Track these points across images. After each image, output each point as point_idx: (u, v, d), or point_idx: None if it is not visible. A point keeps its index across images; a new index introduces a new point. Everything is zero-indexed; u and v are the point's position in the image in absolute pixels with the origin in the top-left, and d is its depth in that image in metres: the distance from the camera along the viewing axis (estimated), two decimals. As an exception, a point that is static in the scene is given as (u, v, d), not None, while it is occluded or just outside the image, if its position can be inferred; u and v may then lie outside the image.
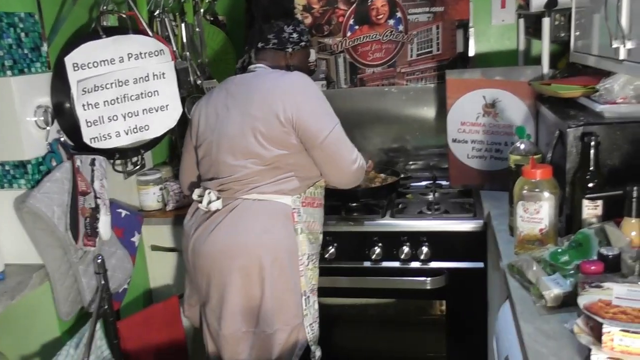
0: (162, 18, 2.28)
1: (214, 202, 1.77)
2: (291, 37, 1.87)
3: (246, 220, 1.74)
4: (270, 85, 1.75)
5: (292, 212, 1.77)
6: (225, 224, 1.75)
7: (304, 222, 1.80)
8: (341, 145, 1.77)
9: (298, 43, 1.89)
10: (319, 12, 2.62)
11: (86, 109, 1.85)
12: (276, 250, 1.73)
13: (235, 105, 1.76)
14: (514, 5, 2.49)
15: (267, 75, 1.80)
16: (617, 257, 1.23)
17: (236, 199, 1.77)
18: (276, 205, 1.76)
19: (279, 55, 1.89)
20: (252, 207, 1.75)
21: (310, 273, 1.82)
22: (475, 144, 2.25)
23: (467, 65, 2.52)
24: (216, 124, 1.79)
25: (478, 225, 2.03)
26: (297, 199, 1.79)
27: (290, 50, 1.89)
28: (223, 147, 1.77)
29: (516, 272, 1.41)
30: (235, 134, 1.74)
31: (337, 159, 1.77)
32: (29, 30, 1.73)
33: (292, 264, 1.76)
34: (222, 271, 1.74)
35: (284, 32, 1.86)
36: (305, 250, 1.79)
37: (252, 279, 1.73)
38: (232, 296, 1.74)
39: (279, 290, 1.74)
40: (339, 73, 2.66)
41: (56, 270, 1.78)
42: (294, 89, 1.73)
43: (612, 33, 1.38)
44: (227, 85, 1.85)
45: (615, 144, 1.51)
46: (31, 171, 1.74)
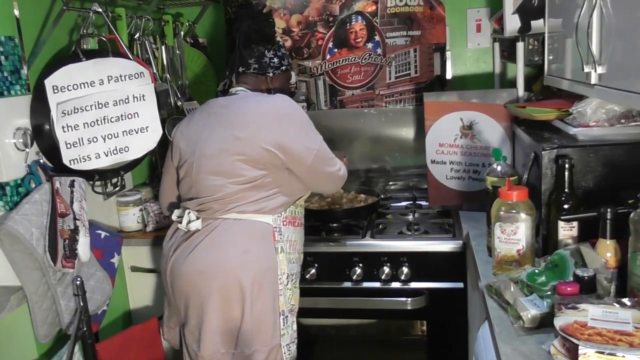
0: (142, 41, 2.29)
1: (193, 222, 1.77)
2: (272, 61, 1.89)
3: (226, 241, 1.73)
4: (252, 108, 1.75)
5: (273, 230, 1.77)
6: (204, 245, 1.75)
7: (285, 241, 1.80)
8: (327, 161, 1.81)
9: (279, 67, 1.91)
10: (298, 36, 2.65)
11: (66, 131, 1.84)
12: (256, 270, 1.73)
13: (216, 126, 1.77)
14: (489, 29, 2.56)
15: (249, 98, 1.80)
16: (593, 279, 1.25)
17: (216, 219, 1.76)
18: (256, 225, 1.76)
19: (260, 79, 1.90)
20: (232, 227, 1.75)
21: (289, 293, 1.82)
22: (453, 165, 2.29)
23: (444, 87, 2.58)
24: (197, 144, 1.79)
25: (457, 246, 2.06)
26: (278, 218, 1.79)
27: (271, 74, 1.90)
28: (203, 168, 1.77)
29: (494, 293, 1.43)
30: (215, 154, 1.75)
31: (325, 175, 1.82)
32: (9, 54, 1.72)
33: (271, 283, 1.76)
34: (200, 292, 1.73)
35: (264, 57, 1.88)
36: (285, 269, 1.79)
37: (231, 300, 1.72)
38: (211, 317, 1.73)
39: (258, 311, 1.74)
40: (319, 95, 2.69)
41: (34, 292, 1.75)
42: (278, 113, 1.74)
43: (584, 58, 1.43)
44: (208, 107, 1.86)
45: (589, 166, 1.56)
46: (9, 193, 1.72)
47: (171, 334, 1.97)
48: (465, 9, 2.56)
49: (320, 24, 2.62)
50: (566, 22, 1.65)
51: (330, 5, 2.60)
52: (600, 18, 1.34)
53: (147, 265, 2.31)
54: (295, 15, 2.63)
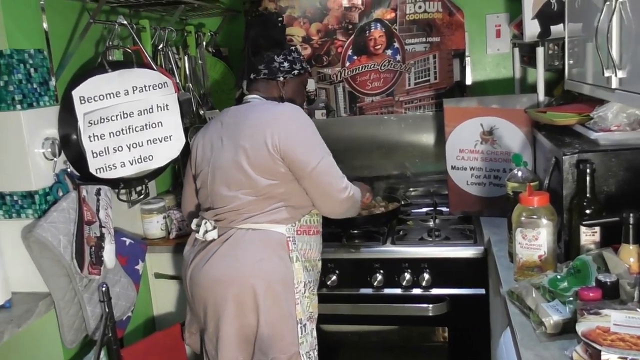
0: (165, 51, 2.34)
1: (210, 231, 1.80)
2: (282, 66, 1.89)
3: (240, 250, 1.76)
4: (260, 116, 1.77)
5: (287, 240, 1.78)
6: (220, 254, 1.77)
7: (299, 250, 1.81)
8: (330, 175, 1.77)
9: (290, 72, 1.90)
10: (318, 43, 2.68)
11: (92, 140, 1.89)
12: (270, 278, 1.74)
13: (227, 137, 1.80)
14: (508, 35, 2.55)
15: (258, 107, 1.82)
16: (615, 284, 1.24)
17: (231, 229, 1.79)
18: (270, 235, 1.77)
19: (271, 85, 1.90)
20: (246, 236, 1.77)
21: (307, 301, 1.82)
22: (474, 171, 2.28)
23: (464, 93, 2.58)
24: (211, 155, 1.83)
25: (478, 252, 2.05)
26: (292, 228, 1.80)
27: (281, 79, 1.89)
28: (217, 178, 1.80)
29: (516, 299, 1.43)
30: (227, 165, 1.77)
31: (327, 188, 1.77)
32: (38, 66, 1.78)
33: (287, 292, 1.76)
34: (217, 300, 1.76)
35: (274, 61, 1.89)
36: (301, 278, 1.80)
37: (246, 307, 1.74)
38: (227, 325, 1.75)
39: (274, 319, 1.74)
40: (338, 102, 2.71)
41: (61, 298, 1.80)
42: (283, 119, 1.76)
43: (604, 62, 1.42)
44: (222, 116, 1.89)
45: (610, 170, 1.55)
46: (38, 201, 1.77)
47: (193, 339, 2.00)
48: (484, 15, 2.56)
49: (340, 32, 2.65)
50: (586, 26, 1.65)
51: (349, 13, 2.63)
52: (620, 22, 1.34)
53: (170, 272, 2.35)
54: (315, 23, 2.66)
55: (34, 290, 1.80)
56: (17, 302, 1.74)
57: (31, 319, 1.71)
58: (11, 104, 1.70)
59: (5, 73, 1.69)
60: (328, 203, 1.80)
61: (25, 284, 1.80)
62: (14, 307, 1.71)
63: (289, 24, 2.67)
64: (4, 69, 1.68)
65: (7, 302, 1.71)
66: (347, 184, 1.81)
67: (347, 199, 1.80)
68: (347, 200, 1.81)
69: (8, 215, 1.79)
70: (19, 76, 1.70)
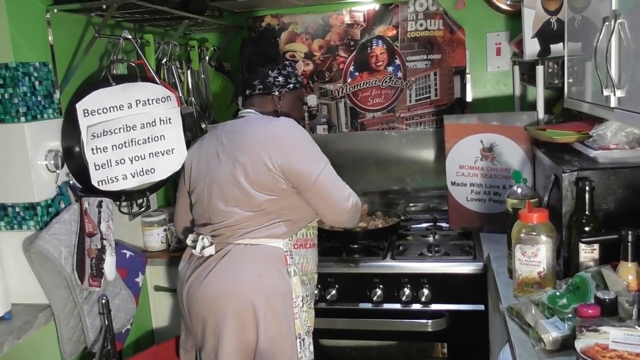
0: (169, 65, 2.36)
1: (207, 247, 1.79)
2: (276, 80, 1.90)
3: (239, 266, 1.75)
4: (256, 132, 1.77)
5: (285, 255, 1.78)
6: (218, 270, 1.76)
7: (297, 264, 1.81)
8: (333, 184, 1.78)
9: (285, 86, 1.91)
10: (320, 59, 2.71)
11: (95, 153, 1.90)
12: (269, 294, 1.73)
13: (224, 152, 1.80)
14: (508, 53, 2.58)
15: (254, 122, 1.83)
16: (614, 301, 1.25)
17: (229, 244, 1.78)
18: (268, 250, 1.77)
19: (267, 99, 1.92)
20: (244, 252, 1.76)
21: (305, 315, 1.82)
22: (473, 187, 2.29)
23: (464, 110, 2.60)
24: (207, 170, 1.83)
25: (478, 268, 2.06)
26: (289, 242, 1.80)
27: (276, 93, 1.90)
28: (214, 194, 1.80)
29: (515, 315, 1.43)
30: (224, 180, 1.77)
31: (331, 198, 1.77)
32: (43, 79, 1.80)
33: (286, 306, 1.76)
34: (216, 317, 1.74)
35: (268, 76, 1.90)
36: (299, 292, 1.80)
37: (246, 323, 1.73)
38: (227, 342, 1.73)
39: (274, 334, 1.74)
40: (340, 117, 2.73)
41: (61, 310, 1.80)
42: (280, 135, 1.76)
43: (603, 82, 1.44)
44: (217, 131, 1.89)
45: (609, 188, 1.56)
46: (40, 213, 1.78)
47: (187, 356, 1.97)
48: (485, 33, 2.59)
49: (342, 48, 2.68)
50: (585, 46, 1.67)
51: (351, 30, 2.66)
52: (618, 42, 1.36)
53: (170, 284, 2.35)
54: (317, 39, 2.69)
55: (33, 302, 1.80)
56: (17, 314, 1.74)
57: (31, 330, 1.71)
58: (15, 116, 1.72)
59: (10, 85, 1.70)
60: (333, 211, 1.81)
61: (25, 296, 1.80)
62: (14, 318, 1.72)
63: (292, 40, 2.71)
64: (9, 82, 1.70)
65: (7, 313, 1.72)
66: (350, 193, 1.82)
67: (352, 208, 1.81)
68: (352, 209, 1.82)
69: (10, 226, 1.80)
70: (23, 89, 1.72)
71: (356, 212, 1.85)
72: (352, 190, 1.83)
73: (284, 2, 2.54)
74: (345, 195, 1.80)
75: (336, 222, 1.88)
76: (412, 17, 2.60)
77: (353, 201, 1.82)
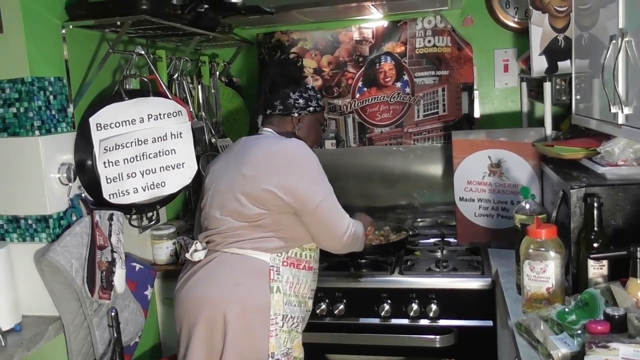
0: (180, 81, 2.39)
1: (197, 252, 1.82)
2: (297, 102, 1.93)
3: (219, 273, 1.76)
4: (265, 148, 1.80)
5: (270, 269, 1.76)
6: (200, 275, 1.79)
7: (284, 282, 1.78)
8: (332, 214, 1.79)
9: (305, 108, 1.94)
10: (329, 75, 2.74)
11: (107, 167, 1.92)
12: (244, 305, 1.72)
13: (232, 164, 1.84)
14: (516, 69, 2.60)
15: (264, 139, 1.86)
16: (623, 318, 1.25)
17: (217, 252, 1.80)
18: (253, 261, 1.76)
19: (286, 120, 1.94)
20: (228, 260, 1.77)
21: (284, 336, 1.77)
22: (481, 203, 2.30)
23: (472, 126, 2.61)
24: (215, 179, 1.87)
25: (486, 283, 2.05)
26: (277, 257, 1.78)
27: (296, 115, 1.93)
28: (214, 201, 1.84)
29: (524, 331, 1.43)
30: (223, 189, 1.81)
31: (328, 227, 1.79)
32: (57, 93, 1.83)
33: (261, 321, 1.73)
34: (189, 322, 1.76)
35: (289, 98, 1.93)
36: (280, 310, 1.76)
37: (215, 332, 1.72)
38: (195, 348, 1.74)
39: (241, 347, 1.71)
40: (348, 132, 2.75)
41: (71, 322, 1.81)
42: (287, 155, 1.78)
43: (610, 99, 1.45)
44: (234, 145, 1.94)
45: (617, 204, 1.56)
46: (52, 225, 1.80)
47: None
48: (492, 50, 2.61)
49: (350, 64, 2.71)
50: (592, 63, 1.68)
51: (360, 46, 2.69)
52: (626, 60, 1.37)
53: (178, 297, 2.35)
54: (326, 55, 2.73)
55: (44, 314, 1.82)
56: (27, 325, 1.75)
57: (41, 342, 1.72)
58: (30, 129, 1.75)
59: (26, 100, 1.74)
60: (328, 239, 1.83)
61: (35, 308, 1.82)
62: (24, 330, 1.73)
63: (301, 56, 2.73)
64: (24, 96, 1.74)
65: (18, 325, 1.73)
66: (349, 223, 1.83)
67: (348, 237, 1.82)
68: (348, 239, 1.83)
69: (22, 238, 1.82)
70: (38, 103, 1.75)
71: (353, 242, 1.86)
72: (352, 220, 1.86)
73: (293, 19, 2.58)
74: (343, 225, 1.81)
75: (331, 249, 1.88)
76: (421, 34, 2.63)
77: (351, 232, 1.83)
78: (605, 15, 1.53)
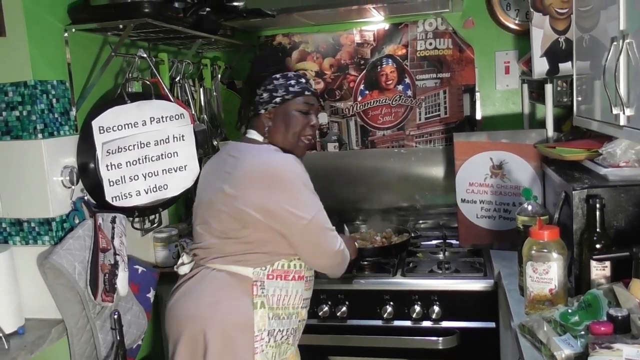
0: (182, 83, 2.40)
1: (183, 265, 1.79)
2: (261, 98, 1.79)
3: (199, 289, 1.71)
4: (249, 166, 1.67)
5: (253, 284, 1.68)
6: (183, 291, 1.75)
7: (270, 296, 1.69)
8: (321, 235, 1.69)
9: (269, 102, 1.77)
10: (330, 78, 2.74)
11: (109, 169, 1.93)
12: (224, 322, 1.65)
13: (216, 176, 1.75)
14: (517, 71, 2.60)
15: (251, 152, 1.73)
16: (627, 318, 1.25)
17: (199, 266, 1.76)
18: (234, 277, 1.69)
19: (259, 119, 1.80)
20: (209, 275, 1.71)
21: (272, 351, 1.70)
22: (483, 204, 2.30)
23: (474, 128, 2.62)
24: (201, 188, 1.83)
25: (489, 285, 2.05)
26: (261, 271, 1.69)
27: (262, 112, 1.78)
28: (197, 215, 1.80)
29: (527, 332, 1.43)
30: (206, 203, 1.76)
31: (319, 248, 1.71)
32: (60, 97, 1.83)
33: (244, 339, 1.66)
34: (173, 339, 1.73)
35: (256, 96, 1.81)
36: (265, 326, 1.67)
37: (196, 350, 1.67)
38: None
39: None
40: (350, 135, 2.76)
41: (74, 325, 1.81)
42: (268, 175, 1.65)
43: (612, 100, 1.45)
44: (223, 151, 1.84)
45: (620, 206, 1.57)
46: (55, 228, 1.80)
47: None
48: (493, 52, 2.62)
49: (352, 67, 2.71)
50: (594, 65, 1.69)
51: (361, 49, 2.69)
52: (627, 62, 1.38)
53: (181, 300, 2.35)
54: (327, 58, 2.73)
55: (47, 317, 1.81)
56: (30, 328, 1.75)
57: (44, 345, 1.72)
58: (33, 133, 1.75)
59: (28, 103, 1.74)
60: (320, 260, 1.75)
61: (38, 310, 1.81)
62: (27, 333, 1.72)
63: (303, 59, 2.75)
64: (27, 99, 1.74)
65: (21, 328, 1.73)
66: (339, 242, 1.74)
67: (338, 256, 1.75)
68: (338, 258, 1.75)
69: (25, 241, 1.82)
70: (41, 106, 1.76)
71: (342, 261, 1.78)
72: (342, 241, 1.76)
73: (295, 22, 2.58)
74: (335, 245, 1.72)
75: (322, 269, 1.80)
76: (422, 36, 2.63)
77: (341, 250, 1.74)
78: (606, 17, 1.53)
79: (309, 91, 1.82)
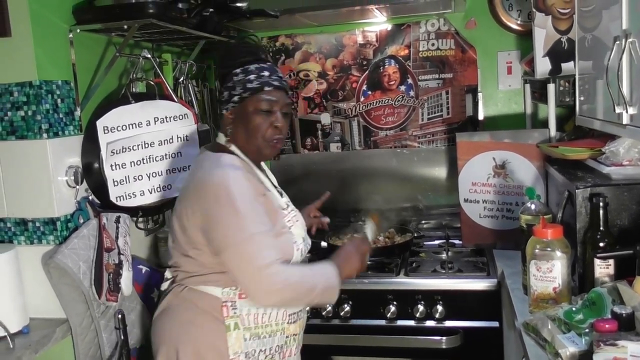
0: (186, 84, 2.41)
1: (166, 280, 1.73)
2: (222, 97, 1.63)
3: (172, 309, 1.64)
4: (191, 185, 1.58)
5: (222, 305, 1.55)
6: (160, 308, 1.69)
7: (245, 316, 1.55)
8: (249, 262, 1.44)
9: (228, 101, 1.61)
10: (333, 78, 2.75)
11: (114, 169, 1.93)
12: (197, 344, 1.56)
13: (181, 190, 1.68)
14: (519, 71, 2.60)
15: (202, 164, 1.59)
16: (631, 316, 1.25)
17: (174, 284, 1.67)
18: (203, 297, 1.57)
19: (223, 120, 1.66)
20: (180, 295, 1.62)
21: None
22: (486, 204, 2.31)
23: (476, 128, 2.62)
24: None
25: (492, 284, 2.06)
26: (232, 291, 1.55)
27: (224, 111, 1.63)
28: (169, 231, 1.69)
29: (531, 331, 1.43)
30: (173, 218, 1.64)
31: (241, 273, 1.47)
32: (65, 97, 1.84)
33: None
34: (154, 352, 1.68)
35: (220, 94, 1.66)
36: (241, 348, 1.55)
37: None
38: None
39: None
40: (353, 136, 2.77)
41: (79, 324, 1.81)
42: (204, 196, 1.50)
43: (615, 99, 1.46)
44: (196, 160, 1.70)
45: (623, 204, 1.57)
46: (60, 228, 1.81)
47: None
48: (495, 52, 2.62)
49: (355, 68, 2.72)
50: (596, 64, 1.69)
51: (364, 49, 2.70)
52: (629, 61, 1.38)
53: (184, 300, 2.36)
54: (330, 59, 2.74)
55: (51, 317, 1.82)
56: (35, 328, 1.76)
57: (48, 344, 1.73)
58: (38, 132, 1.76)
59: (33, 103, 1.75)
60: (247, 287, 1.48)
61: (43, 310, 1.82)
62: (32, 332, 1.73)
63: (305, 60, 2.75)
64: (32, 99, 1.75)
65: (25, 327, 1.74)
66: (279, 271, 1.44)
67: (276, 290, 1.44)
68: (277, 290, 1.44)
69: (30, 241, 1.83)
70: (46, 106, 1.76)
71: (294, 296, 1.49)
72: (288, 269, 1.48)
73: (297, 22, 2.59)
74: (269, 278, 1.42)
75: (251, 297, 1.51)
76: (424, 37, 2.64)
77: (279, 284, 1.43)
78: (609, 17, 1.54)
79: (270, 85, 1.59)
